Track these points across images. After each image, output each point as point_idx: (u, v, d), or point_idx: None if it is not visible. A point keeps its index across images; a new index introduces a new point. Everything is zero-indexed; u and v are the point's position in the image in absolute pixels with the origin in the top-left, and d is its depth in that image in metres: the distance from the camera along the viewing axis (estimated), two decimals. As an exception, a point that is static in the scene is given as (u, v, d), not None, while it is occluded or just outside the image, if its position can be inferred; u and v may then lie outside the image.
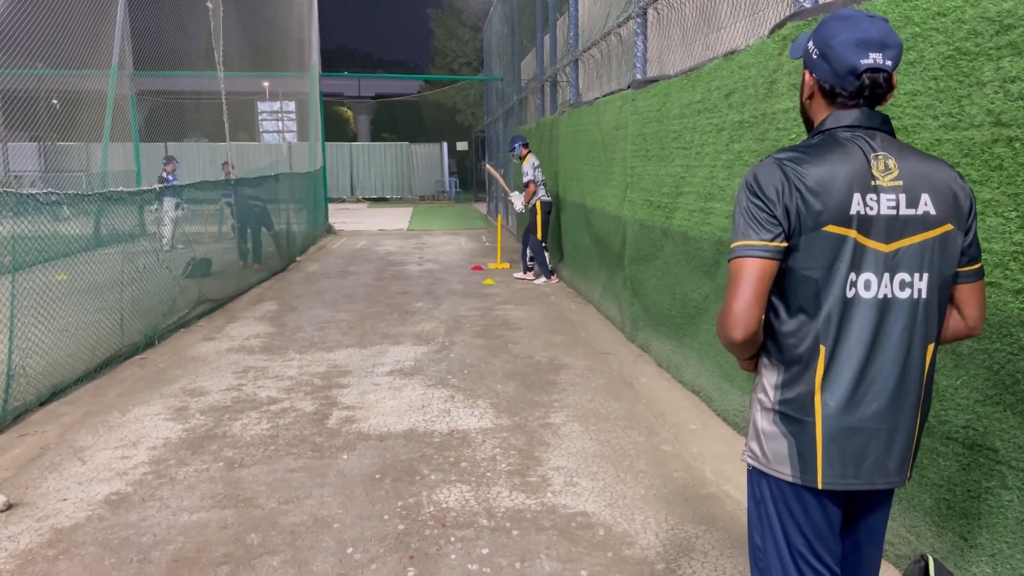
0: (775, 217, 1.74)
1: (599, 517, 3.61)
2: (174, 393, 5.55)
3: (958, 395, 2.79)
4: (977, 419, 2.71)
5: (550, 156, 11.49)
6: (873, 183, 1.73)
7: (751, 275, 1.74)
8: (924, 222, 1.75)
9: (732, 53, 4.83)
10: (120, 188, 7.48)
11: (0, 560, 3.23)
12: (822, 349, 1.76)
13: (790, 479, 1.83)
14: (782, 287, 1.80)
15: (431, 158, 35.71)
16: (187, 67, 15.21)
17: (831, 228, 1.72)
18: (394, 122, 45.16)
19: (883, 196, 1.73)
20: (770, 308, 1.84)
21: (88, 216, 7.26)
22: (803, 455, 1.80)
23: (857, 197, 1.72)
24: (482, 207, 26.69)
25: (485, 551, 3.29)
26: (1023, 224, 2.47)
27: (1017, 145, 2.47)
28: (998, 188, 2.55)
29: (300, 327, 7.78)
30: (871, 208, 1.73)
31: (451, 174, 36.28)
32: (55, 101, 13.93)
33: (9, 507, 3.69)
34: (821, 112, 1.87)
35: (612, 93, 7.82)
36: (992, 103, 2.57)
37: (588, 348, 6.85)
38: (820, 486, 1.80)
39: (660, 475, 4.09)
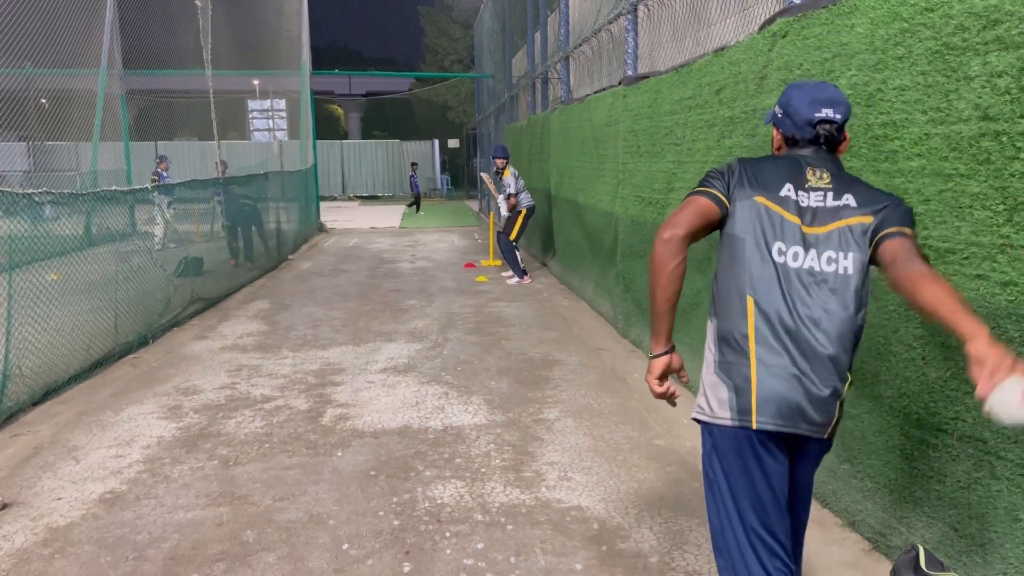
0: (723, 182, 2.18)
1: (593, 511, 3.63)
2: (167, 392, 5.55)
3: (947, 387, 2.82)
4: (966, 410, 2.73)
5: (542, 153, 11.50)
6: (806, 184, 2.14)
7: (693, 202, 2.16)
8: (844, 212, 2.10)
9: (722, 49, 4.85)
10: (113, 187, 7.45)
11: (-5, 559, 3.23)
12: (750, 300, 2.06)
13: (729, 423, 2.06)
14: (723, 253, 2.16)
15: (422, 156, 35.66)
16: (177, 66, 15.15)
17: (760, 199, 2.12)
18: (385, 120, 45.07)
19: (812, 193, 2.13)
20: (715, 276, 2.19)
21: (80, 215, 7.24)
22: (740, 397, 2.04)
23: (789, 186, 2.13)
24: (474, 204, 26.69)
25: (480, 546, 3.31)
26: (1010, 218, 2.50)
27: (1004, 139, 2.50)
28: (985, 182, 2.58)
29: (293, 325, 7.77)
30: (802, 199, 2.12)
31: (442, 171, 36.26)
32: (44, 100, 13.87)
33: (4, 507, 3.69)
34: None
35: (603, 90, 7.84)
36: (979, 98, 2.59)
37: (581, 344, 6.88)
38: (754, 427, 2.02)
39: (654, 469, 4.12)
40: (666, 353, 2.22)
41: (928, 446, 2.94)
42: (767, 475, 2.07)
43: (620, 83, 7.06)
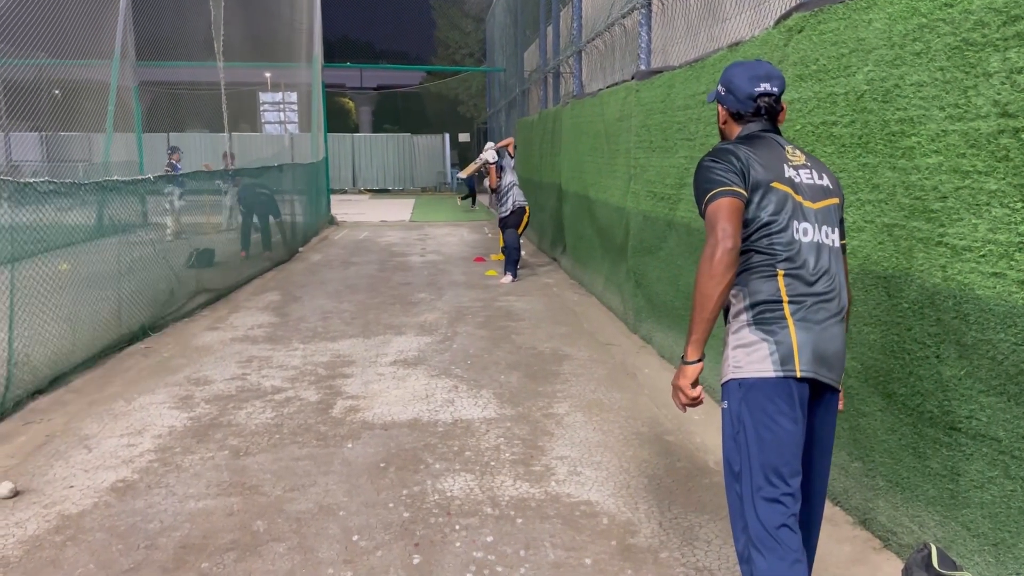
0: (738, 174, 2.29)
1: (603, 506, 3.63)
2: (179, 382, 5.57)
3: (962, 385, 2.80)
4: (980, 409, 2.72)
5: (553, 148, 11.48)
6: (792, 163, 2.38)
7: (727, 207, 2.24)
8: (827, 191, 2.41)
9: (737, 44, 4.82)
10: (116, 177, 7.46)
11: (8, 546, 3.26)
12: (779, 272, 2.28)
13: (772, 374, 2.23)
14: (747, 236, 2.29)
15: (433, 149, 35.66)
16: (189, 58, 15.17)
17: (777, 184, 2.31)
18: (396, 113, 45.09)
19: (801, 171, 2.38)
20: (741, 254, 2.30)
21: (90, 205, 7.26)
22: (782, 350, 2.24)
23: (786, 167, 2.36)
24: (484, 199, 26.67)
25: (490, 539, 3.32)
26: (1029, 215, 2.47)
27: (1023, 136, 2.47)
28: (1004, 179, 2.55)
29: (303, 317, 7.79)
30: (796, 177, 2.36)
31: (453, 165, 36.26)
32: (56, 91, 13.91)
33: (16, 494, 3.72)
34: (735, 130, 2.53)
35: (616, 84, 7.81)
36: (999, 94, 2.57)
37: (591, 339, 6.87)
38: (799, 375, 2.22)
39: (664, 465, 4.11)
40: (700, 360, 2.31)
41: (941, 444, 2.92)
42: (798, 421, 2.25)
43: (633, 78, 7.04)
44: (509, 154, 10.41)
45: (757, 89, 2.44)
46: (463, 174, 11.33)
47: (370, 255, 12.83)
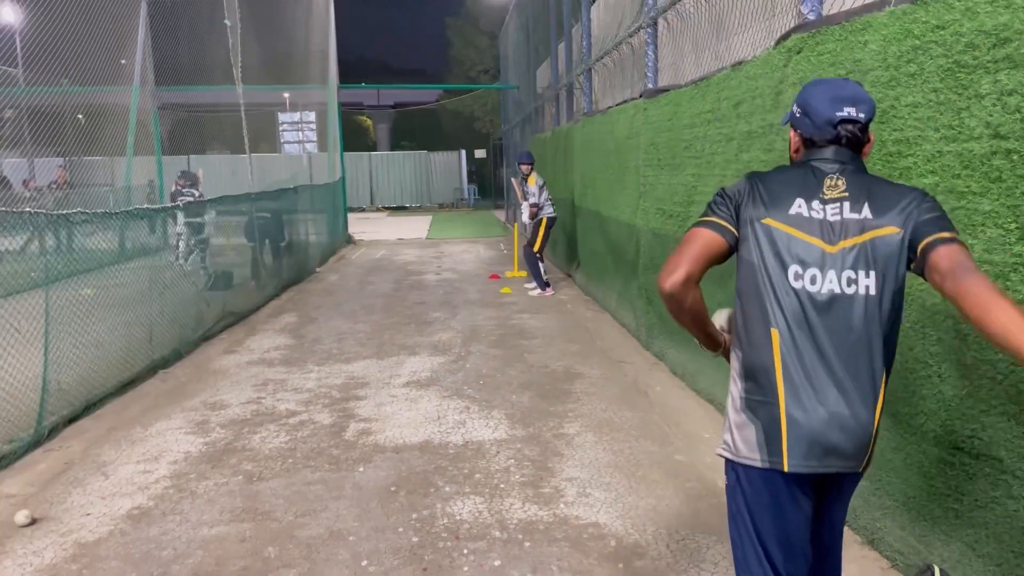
0: (729, 209, 2.06)
1: (611, 528, 3.64)
2: (195, 407, 5.65)
3: (963, 405, 2.80)
4: (982, 429, 2.72)
5: (566, 165, 11.54)
6: (820, 195, 2.01)
7: (696, 238, 2.04)
8: (861, 225, 1.95)
9: (740, 63, 4.85)
10: (144, 205, 7.62)
11: (25, 574, 3.32)
12: (774, 333, 1.95)
13: (759, 464, 1.98)
14: (740, 283, 2.06)
15: (449, 166, 35.87)
16: (208, 81, 15.40)
17: (768, 221, 2.00)
18: (413, 131, 45.41)
19: (828, 206, 1.99)
20: (736, 308, 2.10)
21: (114, 232, 7.42)
22: (769, 439, 1.96)
23: (800, 202, 2.00)
24: (500, 214, 26.77)
25: (497, 563, 3.34)
26: (1023, 236, 2.49)
27: (1015, 157, 2.49)
28: (997, 200, 2.57)
29: (319, 339, 7.87)
30: (815, 213, 1.98)
31: (469, 182, 36.41)
32: (80, 116, 14.17)
33: (33, 522, 3.79)
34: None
35: (625, 102, 7.86)
36: (991, 115, 2.59)
37: (603, 356, 6.88)
38: (785, 469, 1.94)
39: (673, 485, 4.12)
40: (721, 345, 2.23)
41: (945, 464, 2.92)
42: (795, 516, 2.02)
43: (641, 96, 7.08)
44: (536, 179, 10.57)
45: (840, 114, 2.02)
46: (528, 219, 11.26)
47: (386, 274, 12.92)
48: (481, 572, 3.27)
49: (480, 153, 34.67)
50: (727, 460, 2.10)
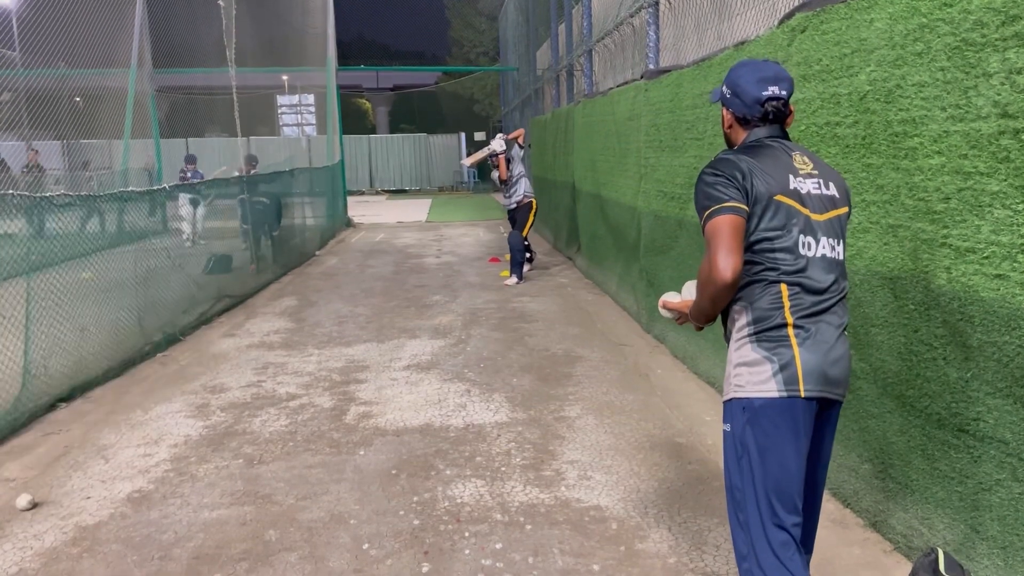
0: (739, 189, 2.19)
1: (612, 511, 3.64)
2: (195, 390, 5.64)
3: (969, 387, 2.78)
4: (988, 411, 2.70)
5: (566, 147, 11.48)
6: (799, 172, 2.28)
7: (727, 226, 2.14)
8: (834, 202, 2.31)
9: (742, 43, 4.80)
10: (131, 188, 7.56)
11: (27, 559, 3.32)
12: (783, 287, 2.20)
13: (776, 394, 2.17)
14: (748, 248, 2.21)
15: (449, 149, 35.73)
16: (205, 63, 15.30)
17: (780, 197, 2.21)
18: (412, 113, 45.23)
19: (807, 180, 2.28)
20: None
21: (110, 214, 7.38)
22: (785, 371, 2.17)
23: (791, 177, 2.25)
24: (500, 197, 26.73)
25: (499, 546, 3.33)
26: (1031, 216, 2.45)
27: (1023, 137, 2.45)
28: (1005, 180, 2.53)
29: (319, 322, 7.85)
30: (802, 187, 2.26)
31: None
32: (78, 99, 14.09)
33: (34, 506, 3.78)
34: (740, 135, 2.41)
35: (626, 83, 7.80)
36: (999, 95, 2.55)
37: (604, 339, 6.87)
38: (803, 395, 2.16)
39: (674, 468, 4.11)
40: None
41: (949, 446, 2.90)
42: (800, 443, 2.20)
43: (642, 77, 7.02)
44: (519, 145, 10.28)
45: (765, 93, 2.30)
46: (467, 161, 11.10)
47: (386, 257, 12.89)
48: (483, 555, 3.26)
49: (480, 136, 34.51)
50: (733, 401, 2.26)
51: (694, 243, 5.59)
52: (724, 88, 2.41)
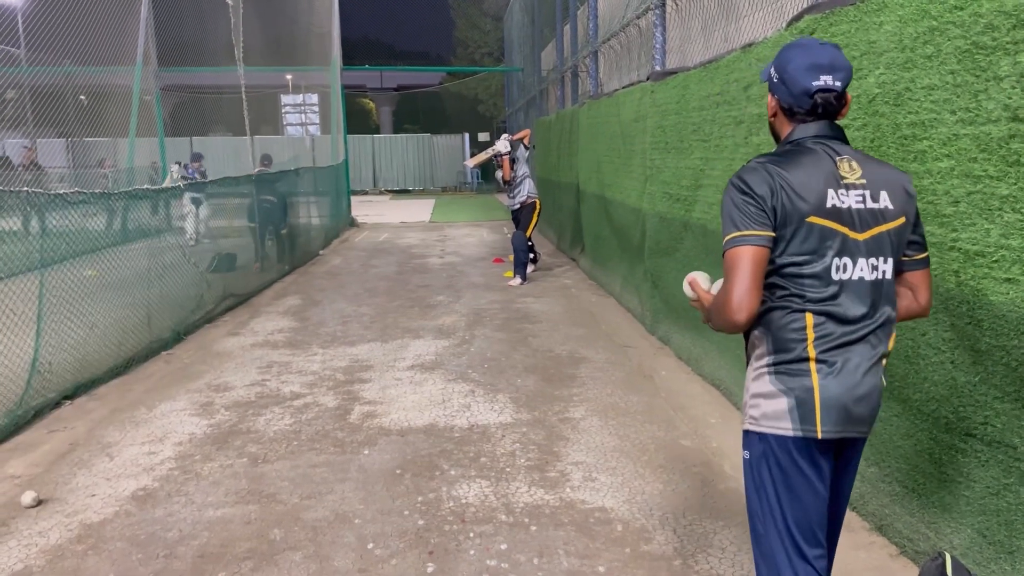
0: (764, 212, 1.98)
1: (617, 512, 3.63)
2: (199, 389, 5.64)
3: (976, 391, 2.77)
4: (996, 416, 2.69)
5: (570, 148, 11.47)
6: (842, 181, 2.01)
7: (748, 260, 1.97)
8: (884, 215, 2.04)
9: (750, 45, 4.80)
10: (145, 186, 7.59)
11: (32, 555, 3.32)
12: (809, 316, 2.01)
13: (791, 433, 2.03)
14: (773, 270, 2.03)
15: (453, 149, 35.74)
16: (210, 62, 15.32)
17: (813, 219, 1.98)
18: (416, 113, 45.24)
19: (851, 192, 2.01)
20: (764, 289, 2.05)
21: (115, 213, 7.40)
22: (802, 407, 2.02)
23: (831, 192, 2.00)
24: (504, 198, 26.72)
25: (504, 547, 3.33)
26: (1041, 220, 2.45)
27: (1035, 141, 2.45)
28: (1015, 184, 2.53)
29: (323, 322, 7.85)
30: (843, 202, 2.00)
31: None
32: (83, 97, 14.11)
33: (39, 503, 3.79)
34: (785, 127, 2.16)
35: (632, 85, 7.79)
36: (1009, 98, 2.54)
37: (608, 341, 6.86)
38: (820, 436, 2.01)
39: (679, 470, 4.10)
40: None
41: (956, 450, 2.90)
42: (821, 480, 2.08)
43: (648, 78, 7.02)
44: (524, 145, 10.29)
45: (816, 83, 2.02)
46: (471, 162, 11.18)
47: (389, 257, 12.89)
48: (488, 555, 3.26)
49: (484, 136, 34.55)
50: (752, 432, 2.12)
51: (699, 245, 5.58)
52: (772, 70, 2.15)
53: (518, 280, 9.93)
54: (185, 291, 7.55)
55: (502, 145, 10.11)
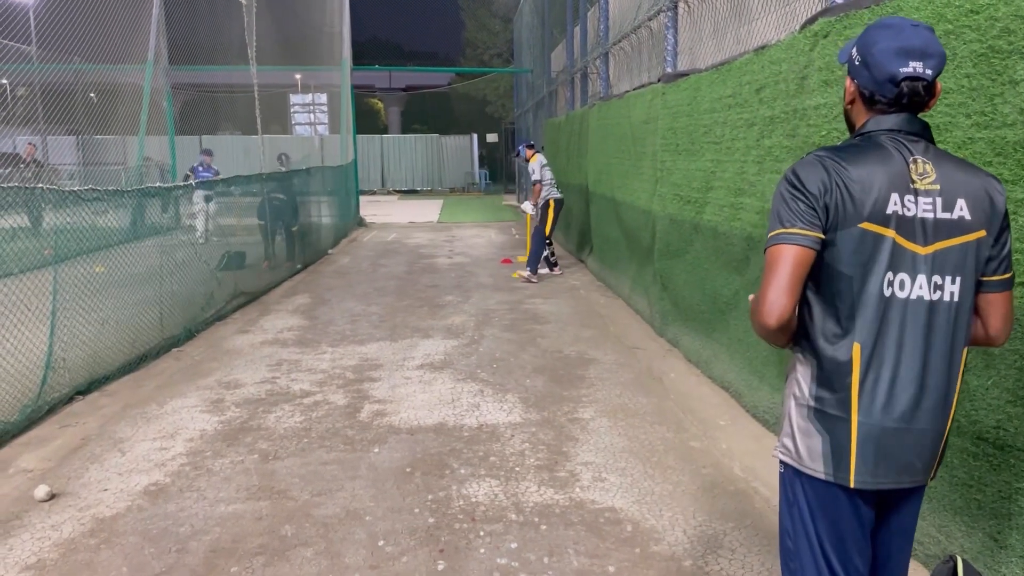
0: (815, 210, 1.76)
1: (627, 513, 3.64)
2: (210, 385, 5.67)
3: (989, 395, 2.77)
4: (1008, 419, 2.69)
5: (580, 149, 11.48)
6: (912, 186, 1.75)
7: (788, 260, 1.75)
8: (959, 227, 1.76)
9: (763, 48, 4.80)
10: (157, 184, 7.63)
11: (44, 549, 3.34)
12: (856, 347, 1.77)
13: (823, 477, 1.84)
14: (818, 283, 1.81)
15: (461, 150, 35.79)
16: (221, 61, 15.38)
17: (868, 225, 1.74)
18: (425, 114, 45.32)
19: (920, 199, 1.75)
20: (804, 305, 1.85)
21: (126, 210, 7.43)
22: (837, 453, 1.81)
23: (895, 197, 1.74)
24: (512, 199, 26.72)
25: (514, 545, 3.34)
26: (1056, 224, 2.45)
27: (1051, 145, 2.45)
28: (1031, 188, 2.53)
29: (332, 320, 7.87)
30: (908, 209, 1.74)
31: (481, 166, 36.35)
32: (92, 95, 14.17)
33: (52, 497, 3.81)
34: (862, 116, 1.89)
35: (642, 86, 7.80)
36: (1025, 102, 2.54)
37: (617, 342, 6.87)
38: (852, 485, 1.81)
39: (688, 471, 4.11)
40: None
41: (968, 454, 2.90)
42: (854, 526, 1.88)
43: (659, 80, 7.02)
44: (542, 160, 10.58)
45: (904, 69, 1.75)
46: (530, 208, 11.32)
47: (398, 257, 12.92)
48: (498, 554, 3.27)
49: (492, 137, 34.56)
50: (786, 466, 1.95)
51: (709, 247, 5.59)
52: (854, 51, 1.88)
53: (527, 272, 10.17)
54: (196, 288, 7.59)
55: (528, 208, 10.74)
